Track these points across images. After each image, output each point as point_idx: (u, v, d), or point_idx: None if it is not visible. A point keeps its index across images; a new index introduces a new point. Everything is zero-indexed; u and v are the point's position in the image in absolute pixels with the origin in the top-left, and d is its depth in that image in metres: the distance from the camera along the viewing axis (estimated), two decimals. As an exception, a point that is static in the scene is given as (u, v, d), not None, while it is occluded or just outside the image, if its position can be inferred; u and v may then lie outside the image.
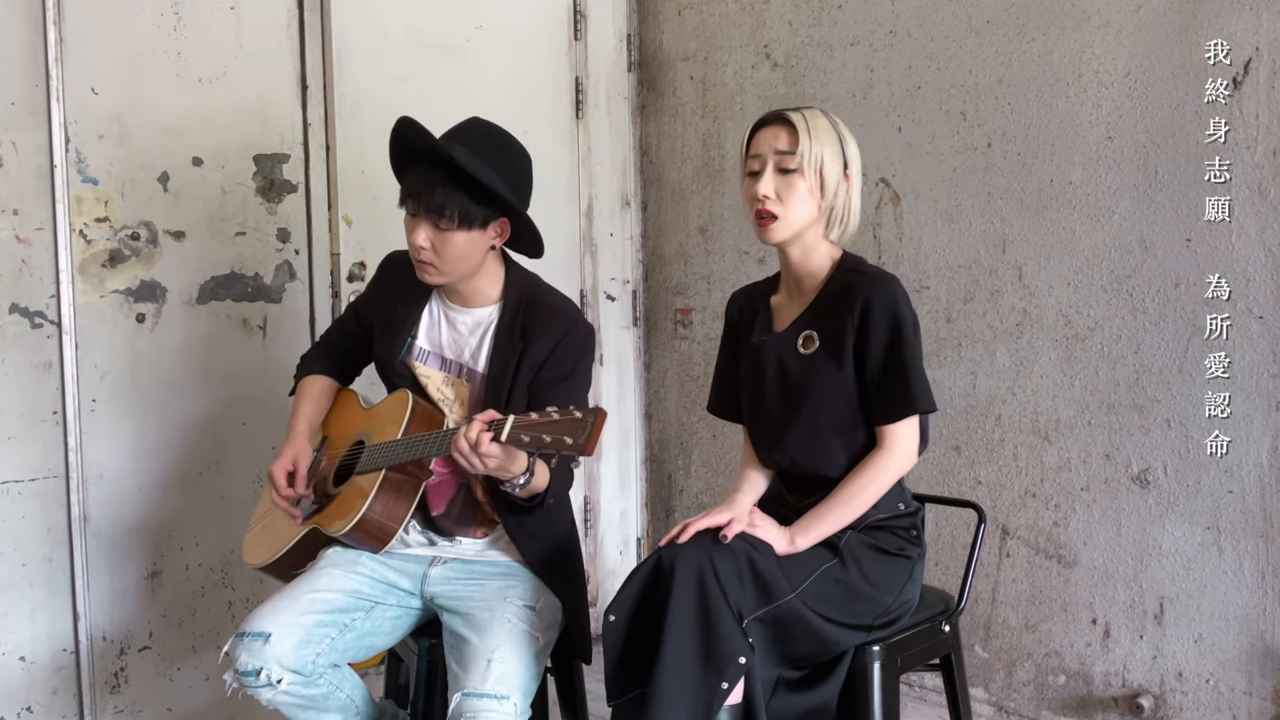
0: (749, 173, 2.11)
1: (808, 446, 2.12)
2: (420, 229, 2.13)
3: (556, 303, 2.25)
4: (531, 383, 2.16)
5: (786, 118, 2.08)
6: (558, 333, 2.18)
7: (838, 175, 2.09)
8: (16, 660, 2.67)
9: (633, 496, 3.83)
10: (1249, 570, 2.58)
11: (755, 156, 2.10)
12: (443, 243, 2.12)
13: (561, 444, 1.82)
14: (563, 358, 2.17)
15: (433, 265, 2.15)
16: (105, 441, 2.75)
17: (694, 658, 1.87)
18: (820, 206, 2.09)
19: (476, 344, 2.23)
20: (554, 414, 1.85)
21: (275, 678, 2.00)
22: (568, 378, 2.17)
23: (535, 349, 2.16)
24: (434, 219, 2.11)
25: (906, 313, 2.05)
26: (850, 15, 3.17)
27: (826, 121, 2.10)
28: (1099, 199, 2.73)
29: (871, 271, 2.10)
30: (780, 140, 2.07)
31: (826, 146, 2.07)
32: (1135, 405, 2.70)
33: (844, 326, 2.06)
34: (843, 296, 2.08)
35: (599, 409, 1.83)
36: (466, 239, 2.14)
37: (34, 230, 2.65)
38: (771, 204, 2.06)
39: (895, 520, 2.12)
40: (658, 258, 3.75)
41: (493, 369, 2.19)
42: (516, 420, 1.86)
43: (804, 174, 2.05)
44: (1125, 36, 2.67)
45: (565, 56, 3.59)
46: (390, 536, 2.12)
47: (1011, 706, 2.95)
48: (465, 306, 2.25)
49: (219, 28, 2.87)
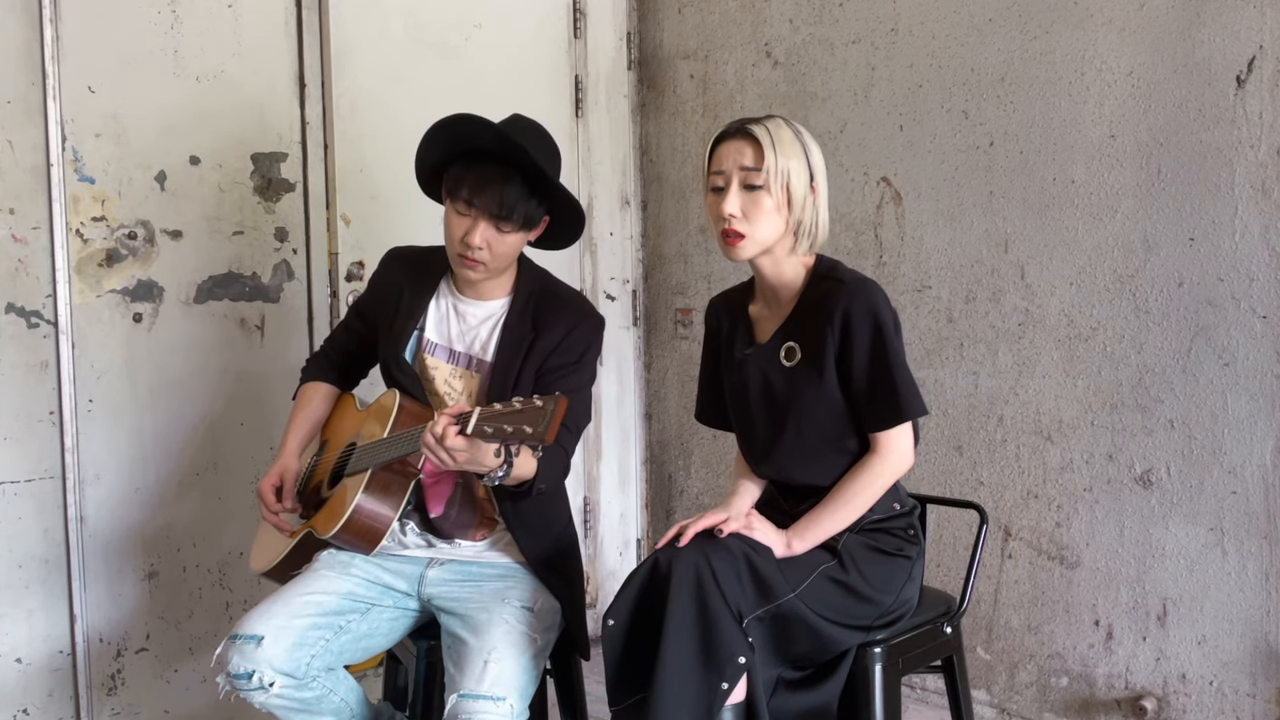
0: (713, 189, 2.06)
1: (798, 459, 2.10)
2: (478, 229, 2.10)
3: (568, 295, 2.27)
4: (540, 369, 2.16)
5: (750, 131, 2.03)
6: (570, 322, 2.19)
7: (804, 188, 2.04)
8: (13, 662, 2.65)
9: (632, 497, 3.81)
10: (1252, 571, 2.56)
11: (719, 173, 2.04)
12: (499, 243, 2.12)
13: (522, 433, 1.81)
14: (572, 345, 2.18)
15: (484, 264, 2.14)
16: (102, 442, 2.74)
17: (694, 659, 1.86)
18: (788, 222, 2.04)
19: (486, 335, 2.22)
20: (517, 404, 1.84)
21: (267, 681, 1.99)
22: (574, 364, 2.17)
23: (546, 337, 2.17)
24: (497, 221, 2.10)
25: (887, 318, 2.02)
26: (851, 13, 3.16)
27: (790, 133, 2.04)
28: (1102, 198, 2.72)
29: (848, 279, 2.06)
30: (745, 156, 2.02)
31: (793, 160, 2.02)
32: (1138, 405, 2.69)
33: (824, 338, 2.03)
34: (820, 306, 2.05)
35: (559, 396, 1.81)
36: (520, 239, 2.16)
37: (30, 229, 2.64)
38: (738, 223, 2.02)
39: (893, 520, 2.11)
40: (658, 257, 3.74)
41: (500, 357, 2.18)
42: (482, 412, 1.85)
43: (770, 190, 2.01)
44: (1128, 34, 2.66)
45: (565, 54, 3.58)
46: (379, 537, 2.11)
47: (1014, 709, 2.94)
48: (478, 299, 2.24)
49: (216, 26, 2.86)
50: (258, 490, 2.26)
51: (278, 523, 2.24)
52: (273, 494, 2.25)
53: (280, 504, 2.25)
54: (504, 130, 2.10)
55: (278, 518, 2.24)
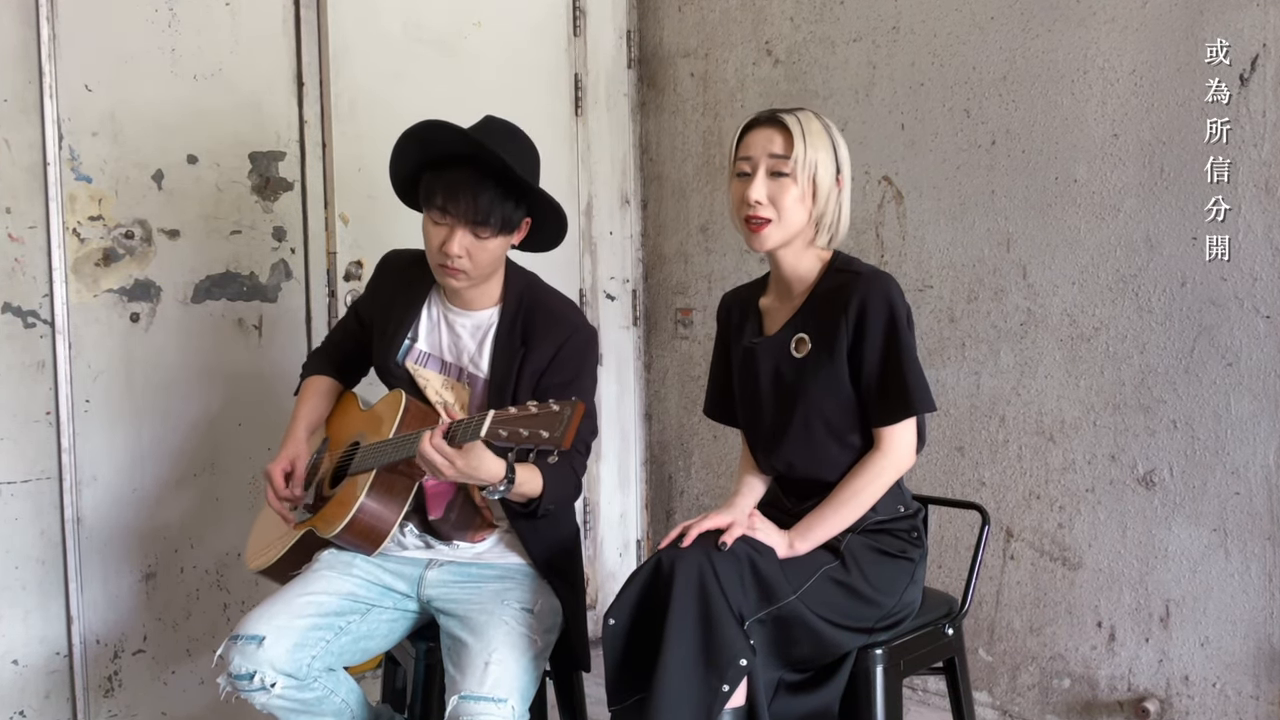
0: (739, 174, 2.06)
1: (804, 450, 2.09)
2: (455, 237, 2.05)
3: (557, 305, 2.21)
4: (535, 389, 2.12)
5: (781, 120, 2.04)
6: (559, 338, 2.14)
7: (830, 181, 2.05)
8: (9, 664, 2.64)
9: (632, 498, 3.80)
10: (1256, 573, 2.55)
11: (746, 159, 2.05)
12: (480, 250, 2.07)
13: (538, 438, 1.79)
14: (565, 363, 2.14)
15: (465, 273, 2.10)
16: (99, 442, 2.73)
17: (695, 660, 1.85)
18: (811, 213, 2.05)
19: (476, 348, 2.20)
20: (532, 408, 1.82)
21: (269, 681, 1.98)
22: (572, 382, 2.13)
23: (536, 355, 2.13)
24: (474, 228, 2.04)
25: (902, 311, 2.02)
26: (852, 11, 3.15)
27: (820, 125, 2.05)
28: (1104, 197, 2.71)
29: (865, 271, 2.06)
30: (774, 143, 2.02)
31: (821, 151, 2.03)
32: (1141, 405, 2.68)
33: (838, 327, 2.03)
34: (835, 297, 2.05)
35: (576, 401, 1.79)
36: (501, 244, 2.10)
37: (27, 229, 2.62)
38: (764, 209, 2.02)
39: (896, 522, 2.10)
40: (658, 256, 3.73)
41: (494, 375, 2.16)
42: (496, 415, 1.83)
43: (797, 179, 2.01)
44: (1130, 33, 2.65)
45: (564, 53, 3.57)
46: (382, 538, 2.10)
47: (1016, 711, 2.93)
48: (466, 309, 2.21)
49: (214, 24, 2.84)
50: (266, 473, 2.22)
51: (282, 510, 2.22)
52: (282, 478, 2.21)
53: (289, 489, 2.21)
54: (471, 134, 2.06)
55: (283, 505, 2.22)
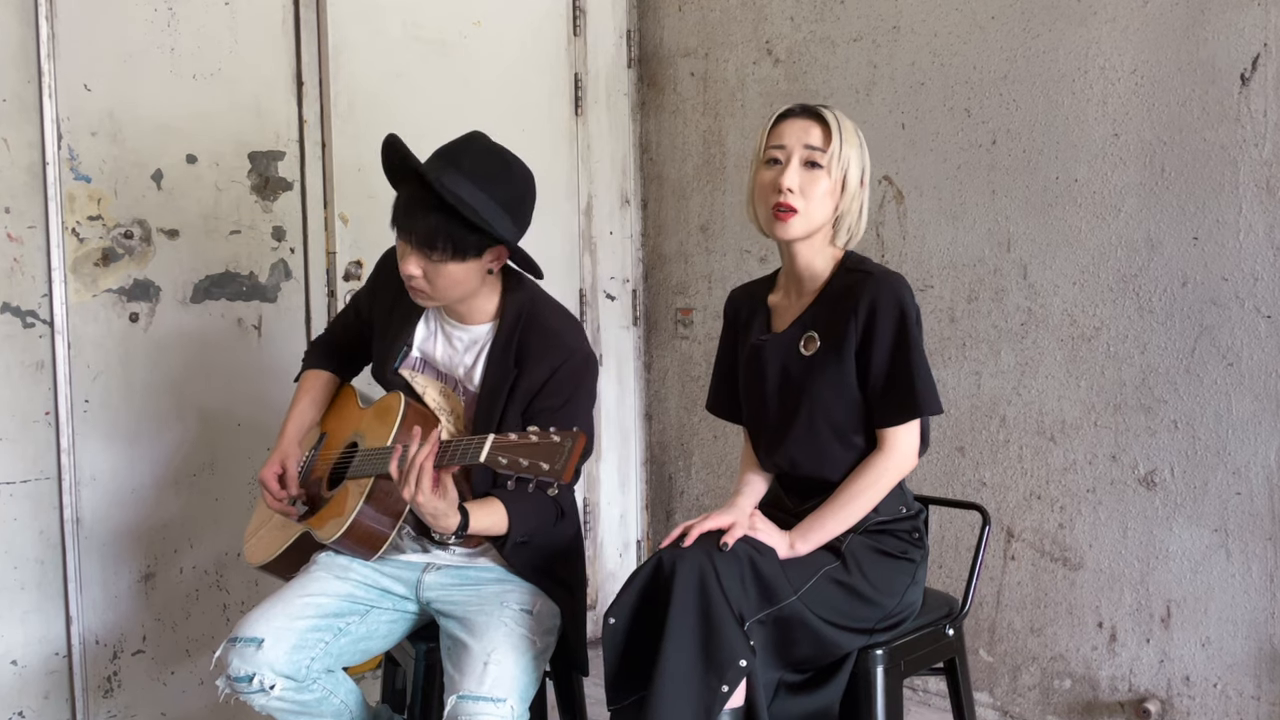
0: (769, 160, 2.05)
1: (808, 448, 2.09)
2: (410, 258, 2.03)
3: (555, 325, 2.14)
4: (526, 410, 2.08)
5: (819, 113, 2.05)
6: (554, 361, 2.08)
7: (858, 180, 2.06)
8: (8, 664, 2.63)
9: (632, 498, 3.80)
10: (1257, 573, 2.54)
11: (779, 147, 2.04)
12: (436, 272, 2.03)
13: (537, 469, 1.75)
14: (558, 387, 2.08)
15: (425, 293, 2.08)
16: (98, 443, 2.72)
17: (694, 661, 1.84)
18: (836, 209, 2.06)
19: (471, 362, 2.16)
20: (533, 436, 1.78)
21: (268, 683, 1.98)
22: (562, 408, 2.07)
23: (529, 376, 2.08)
24: (425, 250, 2.00)
25: (912, 312, 2.02)
26: (853, 10, 3.14)
27: (852, 125, 2.07)
28: (1105, 197, 2.70)
29: (876, 270, 2.06)
30: (811, 135, 2.03)
31: (854, 150, 2.05)
32: (1142, 406, 2.67)
33: (847, 326, 2.02)
34: (846, 295, 2.04)
35: (577, 432, 1.75)
36: (460, 268, 2.04)
37: (26, 228, 2.62)
38: (794, 198, 2.01)
39: (897, 523, 2.10)
40: (658, 256, 3.72)
41: (484, 392, 2.12)
42: (497, 440, 1.79)
43: (829, 173, 2.02)
44: (1131, 32, 2.64)
45: (564, 53, 3.56)
46: (381, 544, 2.09)
47: (1016, 711, 2.92)
48: (462, 323, 2.18)
49: (213, 24, 2.84)
50: (260, 479, 2.22)
51: (285, 509, 2.21)
52: (276, 482, 2.21)
53: (285, 491, 2.21)
54: (415, 159, 2.02)
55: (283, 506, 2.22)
